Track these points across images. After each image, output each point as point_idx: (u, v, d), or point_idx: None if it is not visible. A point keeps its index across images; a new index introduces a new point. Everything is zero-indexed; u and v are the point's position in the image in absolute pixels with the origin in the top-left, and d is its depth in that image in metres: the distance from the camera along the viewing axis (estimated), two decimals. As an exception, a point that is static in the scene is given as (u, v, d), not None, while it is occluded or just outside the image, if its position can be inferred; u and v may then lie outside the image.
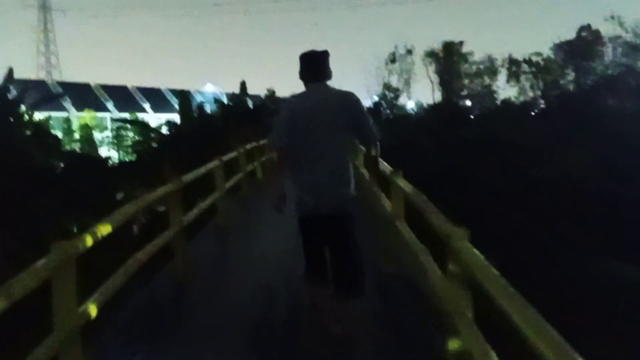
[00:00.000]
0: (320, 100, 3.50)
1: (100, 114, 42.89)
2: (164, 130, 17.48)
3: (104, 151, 25.36)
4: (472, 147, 13.47)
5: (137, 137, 19.83)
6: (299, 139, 3.44)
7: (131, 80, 53.35)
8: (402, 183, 4.59)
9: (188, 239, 5.91)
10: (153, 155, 15.37)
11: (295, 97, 3.67)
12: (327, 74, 3.60)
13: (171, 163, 15.32)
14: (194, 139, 15.75)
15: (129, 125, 20.86)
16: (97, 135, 30.89)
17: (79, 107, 41.51)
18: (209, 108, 23.18)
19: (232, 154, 8.93)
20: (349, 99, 3.54)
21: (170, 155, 15.78)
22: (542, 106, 32.33)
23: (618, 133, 15.21)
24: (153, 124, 27.34)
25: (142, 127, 16.63)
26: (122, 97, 46.85)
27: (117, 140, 22.23)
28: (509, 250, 7.03)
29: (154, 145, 16.49)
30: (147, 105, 47.87)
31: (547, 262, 7.32)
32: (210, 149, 14.70)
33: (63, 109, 42.75)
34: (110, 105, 45.48)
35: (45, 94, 36.68)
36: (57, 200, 12.09)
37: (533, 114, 27.92)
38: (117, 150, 22.32)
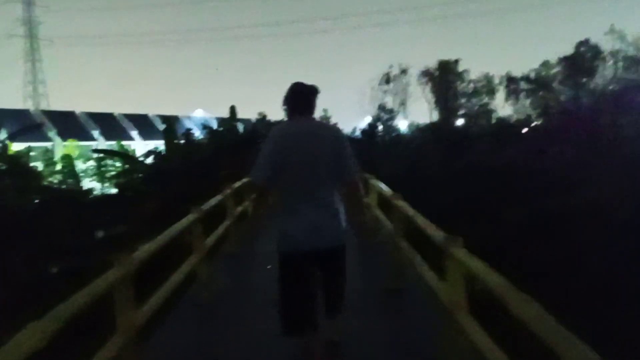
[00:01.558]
0: (311, 132, 3.43)
1: (86, 143, 42.02)
2: (150, 159, 16.52)
3: (89, 183, 24.40)
4: (482, 174, 12.60)
5: (119, 168, 18.85)
6: (290, 171, 3.33)
7: (122, 108, 52.69)
8: (475, 264, 3.07)
9: (152, 328, 4.43)
10: (136, 188, 14.38)
11: (282, 128, 3.53)
12: (314, 109, 3.58)
13: (155, 198, 14.43)
14: (179, 170, 14.79)
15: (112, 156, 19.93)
16: (82, 166, 29.93)
17: (65, 137, 40.64)
18: (200, 134, 22.32)
19: (217, 198, 7.63)
20: (337, 133, 3.54)
21: (155, 189, 14.85)
22: (534, 124, 31.87)
23: (634, 154, 14.38)
24: (141, 151, 26.47)
25: (122, 157, 15.61)
26: (109, 124, 46.04)
27: (100, 171, 21.18)
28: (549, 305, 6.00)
29: (138, 176, 15.51)
30: (134, 133, 47.07)
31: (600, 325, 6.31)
32: (197, 181, 13.84)
33: (48, 139, 41.94)
34: (96, 133, 44.62)
35: (27, 123, 36.01)
36: (29, 245, 11.13)
37: (525, 131, 27.18)
38: (101, 182, 21.33)
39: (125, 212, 14.23)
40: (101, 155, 21.58)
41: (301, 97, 3.52)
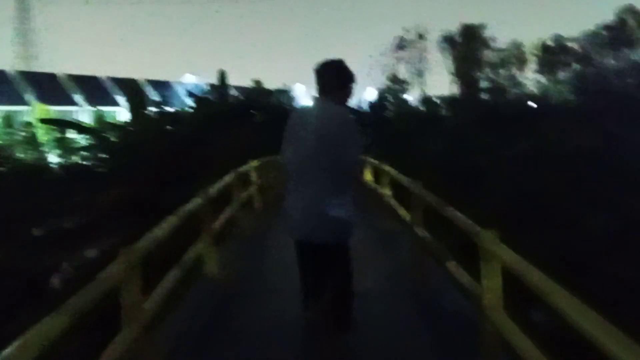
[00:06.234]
0: (317, 116, 3.43)
1: (66, 108, 39.42)
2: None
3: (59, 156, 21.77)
4: (539, 164, 10.09)
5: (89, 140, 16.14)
6: (295, 156, 3.43)
7: (114, 71, 49.89)
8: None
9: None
10: (91, 169, 11.84)
11: (297, 111, 3.71)
12: (330, 88, 3.47)
13: (120, 184, 11.84)
14: (153, 150, 12.16)
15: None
16: (55, 135, 27.28)
17: (44, 101, 38.13)
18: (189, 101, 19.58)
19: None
20: (343, 118, 3.44)
21: (119, 171, 12.32)
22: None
23: None
24: (127, 118, 23.78)
25: (79, 130, 12.94)
26: (93, 89, 43.43)
27: (61, 144, 18.29)
28: None
29: (101, 156, 12.93)
30: (121, 98, 44.34)
31: None
32: (176, 169, 11.25)
33: (25, 102, 39.42)
34: (78, 97, 42.02)
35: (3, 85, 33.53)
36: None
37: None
38: (65, 156, 18.70)
39: (81, 200, 11.83)
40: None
41: (317, 76, 3.50)
